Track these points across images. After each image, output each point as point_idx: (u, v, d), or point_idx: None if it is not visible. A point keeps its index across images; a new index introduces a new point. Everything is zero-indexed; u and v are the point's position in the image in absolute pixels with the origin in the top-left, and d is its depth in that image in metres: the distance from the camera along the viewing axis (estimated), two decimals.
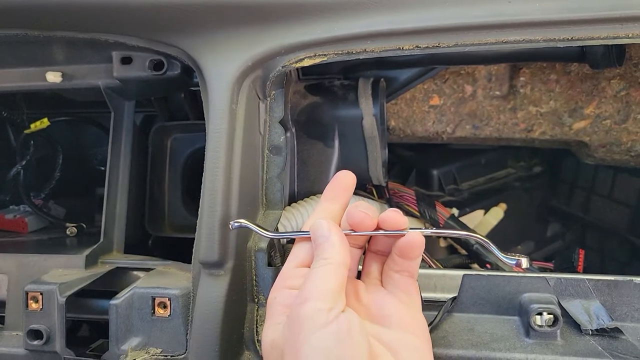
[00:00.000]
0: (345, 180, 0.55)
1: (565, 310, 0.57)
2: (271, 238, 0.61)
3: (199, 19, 0.64)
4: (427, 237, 0.52)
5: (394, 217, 0.50)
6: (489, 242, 0.52)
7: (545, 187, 1.24)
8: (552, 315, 0.56)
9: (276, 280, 0.51)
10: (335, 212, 0.53)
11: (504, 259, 0.51)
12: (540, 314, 0.56)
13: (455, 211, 1.03)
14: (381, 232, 0.51)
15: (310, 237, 0.50)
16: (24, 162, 0.94)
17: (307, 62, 0.64)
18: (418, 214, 0.98)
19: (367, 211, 0.50)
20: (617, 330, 0.55)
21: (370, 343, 0.44)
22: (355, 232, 0.51)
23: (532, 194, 1.20)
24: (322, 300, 0.43)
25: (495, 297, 0.60)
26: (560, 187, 1.24)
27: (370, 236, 0.54)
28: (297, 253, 0.52)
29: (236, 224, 0.56)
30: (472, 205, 1.07)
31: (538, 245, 1.17)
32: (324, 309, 0.42)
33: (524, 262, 0.50)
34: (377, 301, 0.50)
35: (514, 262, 0.50)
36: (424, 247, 0.50)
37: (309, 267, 0.50)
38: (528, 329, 0.56)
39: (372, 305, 0.50)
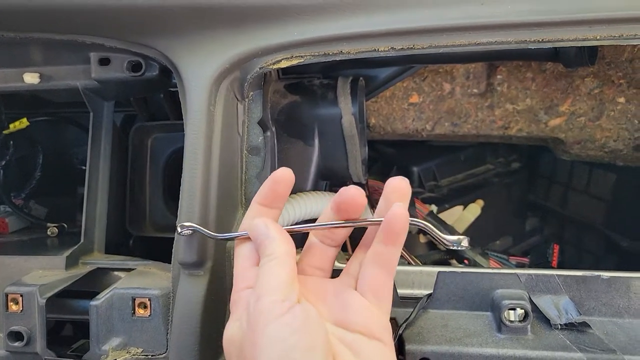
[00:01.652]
0: (281, 180, 0.53)
1: (535, 305, 0.59)
2: (217, 239, 0.60)
3: (176, 21, 0.64)
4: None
5: (400, 184, 0.51)
6: (427, 224, 0.51)
7: (524, 183, 1.26)
8: (523, 311, 0.58)
9: (234, 283, 0.51)
10: (270, 214, 0.54)
11: (445, 239, 0.51)
12: (511, 309, 0.58)
13: (434, 208, 1.04)
14: (330, 224, 0.52)
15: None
16: (3, 162, 0.93)
17: (284, 64, 0.65)
18: None
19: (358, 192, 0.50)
20: (584, 324, 0.57)
21: (330, 340, 0.44)
22: (298, 228, 0.53)
23: (511, 190, 1.22)
24: (273, 293, 0.44)
25: (469, 293, 0.62)
26: (538, 182, 1.27)
27: (366, 228, 0.53)
28: (246, 253, 0.52)
29: (185, 229, 0.58)
30: (451, 202, 1.09)
31: (516, 240, 1.19)
32: (277, 300, 0.43)
33: (465, 241, 0.51)
34: (343, 304, 0.49)
35: (455, 242, 0.51)
36: (407, 231, 0.49)
37: None
38: (500, 325, 0.58)
39: (337, 308, 0.49)
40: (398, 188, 0.51)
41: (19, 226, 0.96)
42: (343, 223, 0.52)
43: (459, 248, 0.51)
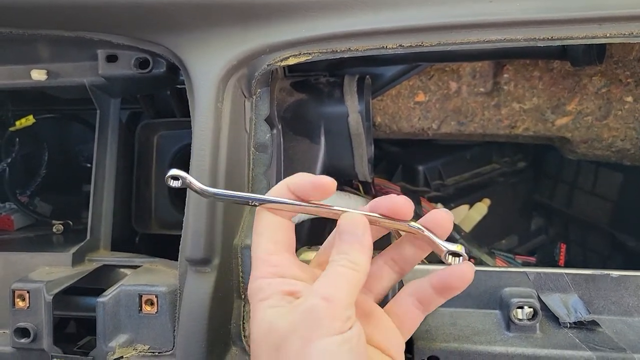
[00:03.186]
0: (323, 188, 0.48)
1: (544, 304, 0.59)
2: (212, 196, 0.50)
3: (184, 17, 0.64)
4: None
5: (443, 217, 0.48)
6: (425, 231, 0.47)
7: (529, 182, 1.26)
8: (531, 309, 0.57)
9: (259, 265, 0.46)
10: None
11: (443, 246, 0.48)
12: (520, 307, 0.58)
13: (440, 207, 1.04)
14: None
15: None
16: (9, 160, 0.93)
17: (292, 61, 0.65)
18: None
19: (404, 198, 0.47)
20: (594, 323, 0.57)
21: None
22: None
23: (516, 189, 1.21)
24: (344, 307, 0.41)
25: (477, 291, 0.61)
26: (543, 182, 1.26)
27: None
28: (269, 234, 0.47)
29: (172, 177, 0.49)
30: (457, 201, 1.08)
31: (522, 240, 1.19)
32: (343, 316, 0.41)
33: (462, 250, 0.48)
34: (369, 317, 0.48)
35: (453, 249, 0.47)
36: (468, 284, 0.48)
37: (291, 252, 0.48)
38: (508, 323, 0.58)
39: (365, 319, 0.48)
40: (442, 223, 0.48)
41: (25, 223, 0.96)
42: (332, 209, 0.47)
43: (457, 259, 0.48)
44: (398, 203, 0.47)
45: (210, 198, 0.51)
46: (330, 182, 0.46)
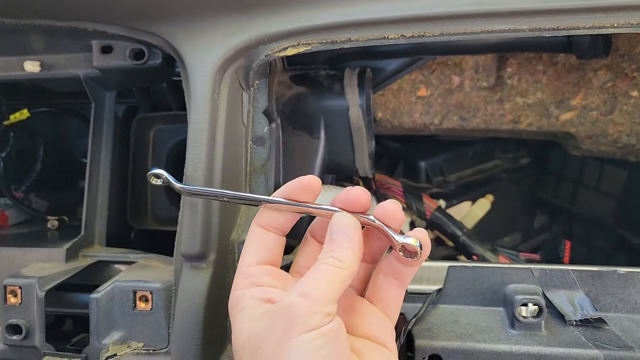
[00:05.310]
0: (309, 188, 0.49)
1: (549, 301, 0.57)
2: (188, 193, 0.54)
3: (180, 6, 0.63)
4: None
5: (395, 209, 0.47)
6: (381, 224, 0.47)
7: (533, 179, 1.24)
8: (536, 306, 0.56)
9: (238, 278, 0.48)
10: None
11: (396, 239, 0.47)
12: (524, 305, 0.56)
13: (442, 203, 1.03)
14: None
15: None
16: (3, 154, 0.91)
17: (290, 51, 0.63)
18: (405, 205, 0.98)
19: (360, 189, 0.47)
20: (600, 320, 0.55)
21: None
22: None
23: (520, 186, 1.20)
24: (323, 304, 0.41)
25: (480, 288, 0.60)
26: (547, 178, 1.25)
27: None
28: (254, 249, 0.49)
29: (152, 175, 0.53)
30: (459, 197, 1.07)
31: (525, 237, 1.17)
32: (322, 312, 0.41)
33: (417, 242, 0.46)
34: (352, 309, 0.48)
35: (404, 242, 0.46)
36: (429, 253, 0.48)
37: (274, 265, 0.48)
38: (513, 320, 0.56)
39: (345, 313, 0.47)
40: (392, 214, 0.47)
41: (19, 219, 0.94)
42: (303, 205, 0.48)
43: (411, 255, 0.46)
44: (353, 194, 0.47)
45: (189, 196, 0.55)
46: (311, 179, 0.48)
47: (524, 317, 0.56)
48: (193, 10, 0.63)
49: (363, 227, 0.48)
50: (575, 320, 0.55)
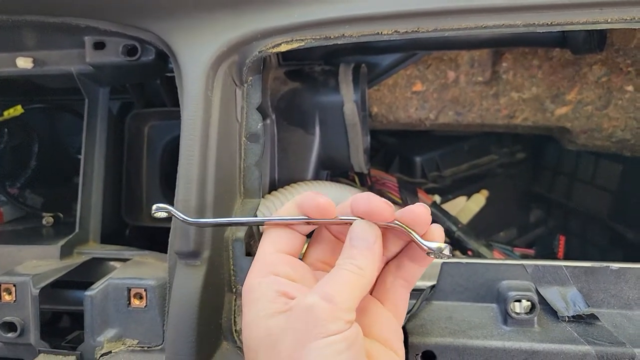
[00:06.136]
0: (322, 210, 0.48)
1: (542, 297, 0.57)
2: (195, 225, 0.57)
3: (173, 2, 0.62)
4: None
5: (425, 213, 0.46)
6: (408, 229, 0.47)
7: (528, 174, 1.24)
8: (529, 303, 0.56)
9: (256, 265, 0.47)
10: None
11: (425, 245, 0.46)
12: (518, 301, 0.56)
13: (437, 198, 1.03)
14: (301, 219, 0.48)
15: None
16: None
17: (284, 48, 0.63)
18: (400, 201, 0.98)
19: (384, 201, 0.46)
20: (593, 316, 0.55)
21: None
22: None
23: (515, 181, 1.20)
24: (345, 311, 0.41)
25: (474, 284, 0.60)
26: (542, 173, 1.25)
27: None
28: (275, 239, 0.48)
29: (158, 210, 0.52)
30: (454, 192, 1.07)
31: (521, 232, 1.17)
32: (344, 319, 0.41)
33: (447, 250, 0.46)
34: (364, 310, 0.48)
35: (435, 250, 0.46)
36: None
37: (293, 254, 0.48)
38: (506, 317, 0.56)
39: (362, 314, 0.47)
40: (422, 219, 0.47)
41: (14, 216, 0.94)
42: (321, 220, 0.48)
43: (440, 257, 0.47)
44: (374, 206, 0.46)
45: (194, 226, 0.58)
46: (328, 204, 0.47)
47: (517, 313, 0.56)
48: (186, 6, 0.62)
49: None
50: (568, 317, 0.55)
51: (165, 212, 0.52)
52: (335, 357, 0.39)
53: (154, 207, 0.52)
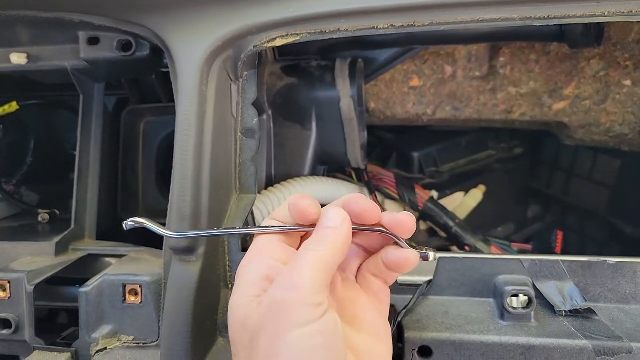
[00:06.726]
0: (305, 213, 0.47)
1: (539, 291, 0.57)
2: (175, 238, 0.56)
3: None
4: None
5: (410, 221, 0.46)
6: (397, 237, 0.46)
7: (526, 169, 1.24)
8: (526, 297, 0.56)
9: (254, 248, 0.46)
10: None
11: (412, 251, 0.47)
12: (515, 296, 0.56)
13: (434, 194, 1.02)
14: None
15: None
16: None
17: (279, 42, 0.63)
18: (397, 197, 0.98)
19: (372, 204, 0.46)
20: (590, 311, 0.55)
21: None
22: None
23: (513, 176, 1.20)
24: (312, 293, 0.39)
25: (471, 279, 0.60)
26: (540, 168, 1.24)
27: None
28: (275, 223, 0.48)
29: (130, 223, 0.50)
30: (452, 188, 1.07)
31: (518, 227, 1.17)
32: (313, 303, 0.39)
33: (432, 255, 0.47)
34: (351, 299, 0.47)
35: (421, 254, 0.46)
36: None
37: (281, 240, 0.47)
38: (502, 311, 0.56)
39: (346, 303, 0.47)
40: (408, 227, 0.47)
41: (10, 212, 0.94)
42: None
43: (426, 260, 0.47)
44: (362, 207, 0.46)
45: (173, 239, 0.58)
46: (306, 206, 0.45)
47: (514, 308, 0.56)
48: (180, 1, 0.62)
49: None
50: (565, 311, 0.55)
51: (138, 225, 0.50)
52: (311, 349, 0.38)
53: (127, 222, 0.50)
